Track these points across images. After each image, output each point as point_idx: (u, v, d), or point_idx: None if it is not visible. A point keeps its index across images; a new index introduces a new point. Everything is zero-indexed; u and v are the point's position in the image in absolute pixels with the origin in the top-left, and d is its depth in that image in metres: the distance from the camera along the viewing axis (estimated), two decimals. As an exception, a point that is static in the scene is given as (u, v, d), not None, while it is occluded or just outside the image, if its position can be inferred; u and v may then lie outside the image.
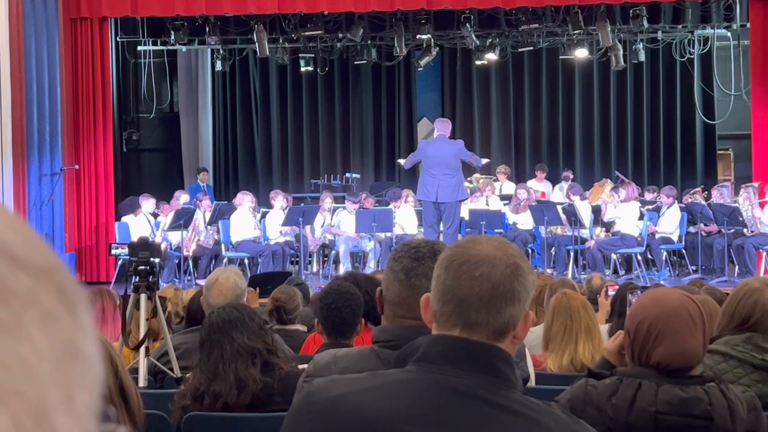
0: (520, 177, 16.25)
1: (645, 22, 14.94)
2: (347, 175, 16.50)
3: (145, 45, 16.03)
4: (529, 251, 13.39)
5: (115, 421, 2.17)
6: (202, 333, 3.65)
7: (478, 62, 16.97)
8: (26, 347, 0.53)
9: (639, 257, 12.97)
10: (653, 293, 2.63)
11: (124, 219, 13.54)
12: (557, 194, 15.36)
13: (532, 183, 15.55)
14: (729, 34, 15.75)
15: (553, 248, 13.35)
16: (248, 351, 3.53)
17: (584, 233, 13.19)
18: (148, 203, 13.68)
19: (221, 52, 16.57)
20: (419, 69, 16.98)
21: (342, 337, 3.89)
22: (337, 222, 13.75)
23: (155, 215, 13.83)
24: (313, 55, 16.51)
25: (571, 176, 15.75)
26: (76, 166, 13.49)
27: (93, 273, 13.67)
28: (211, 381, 3.53)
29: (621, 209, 13.16)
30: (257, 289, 8.10)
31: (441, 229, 12.34)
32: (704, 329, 2.53)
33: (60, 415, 0.53)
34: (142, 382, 4.49)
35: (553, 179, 16.28)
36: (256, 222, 13.45)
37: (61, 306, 0.56)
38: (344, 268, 12.90)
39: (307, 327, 5.60)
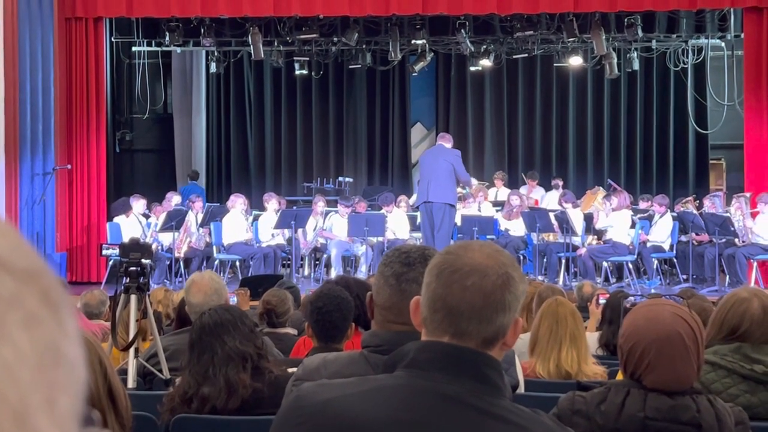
0: (512, 183, 16.28)
1: (639, 31, 14.98)
2: (340, 178, 16.50)
3: (139, 46, 16.01)
4: (521, 258, 13.39)
5: (99, 424, 2.17)
6: (192, 335, 3.61)
7: (472, 68, 16.98)
8: (8, 349, 0.53)
9: (630, 265, 12.99)
10: (646, 311, 2.61)
11: (116, 219, 13.52)
12: (549, 201, 15.37)
13: (524, 190, 15.58)
14: (723, 44, 15.80)
15: (545, 255, 13.36)
16: (239, 355, 3.50)
17: (576, 241, 13.21)
18: (138, 204, 13.65)
19: (216, 53, 16.57)
20: (414, 74, 17.00)
21: (332, 341, 3.88)
22: (330, 226, 13.74)
23: (147, 216, 13.81)
24: (307, 59, 16.51)
25: (561, 184, 15.78)
26: (69, 166, 13.46)
27: (84, 273, 13.64)
28: (201, 384, 3.50)
29: (613, 217, 13.18)
30: (248, 291, 8.11)
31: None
32: (698, 352, 2.53)
33: (41, 418, 0.53)
34: (131, 384, 4.48)
35: (545, 186, 16.30)
36: (248, 224, 13.44)
37: (44, 309, 0.56)
38: (336, 271, 12.89)
39: (298, 330, 5.59)
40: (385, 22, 15.32)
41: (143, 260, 4.92)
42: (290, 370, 3.35)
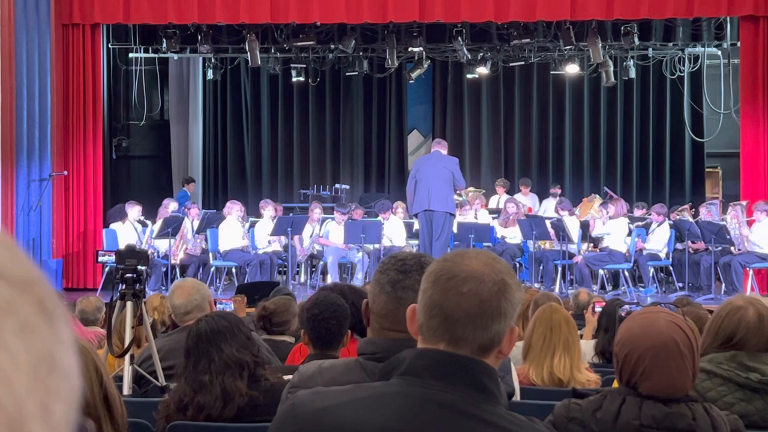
0: (509, 191, 16.28)
1: (636, 39, 15.01)
2: (336, 185, 16.50)
3: (136, 52, 16.00)
4: (517, 265, 13.40)
5: None
6: (188, 341, 3.59)
7: (469, 76, 17.00)
8: (3, 357, 0.53)
9: (626, 273, 12.99)
10: (642, 319, 2.61)
11: (112, 226, 13.51)
12: (547, 208, 15.39)
13: (517, 197, 15.60)
14: (719, 52, 15.82)
15: (541, 263, 13.37)
16: (237, 363, 3.48)
17: (572, 248, 13.21)
18: (134, 210, 13.64)
19: (213, 60, 16.57)
20: (410, 81, 17.00)
21: (328, 348, 3.88)
22: (326, 232, 13.74)
23: (143, 223, 13.80)
24: (304, 66, 16.52)
25: (559, 192, 15.79)
26: (65, 172, 13.45)
27: (80, 280, 13.61)
28: (197, 392, 3.48)
29: (610, 225, 13.18)
30: (245, 298, 8.10)
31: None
32: (694, 359, 2.53)
33: (36, 426, 0.53)
34: (126, 390, 4.48)
35: (543, 194, 16.31)
36: (244, 231, 13.43)
37: (39, 317, 0.56)
38: (332, 278, 12.89)
39: (294, 338, 5.57)
40: (382, 29, 15.34)
41: (139, 267, 4.91)
42: (286, 377, 3.35)
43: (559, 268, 13.13)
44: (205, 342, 3.51)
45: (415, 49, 15.50)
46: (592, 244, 13.47)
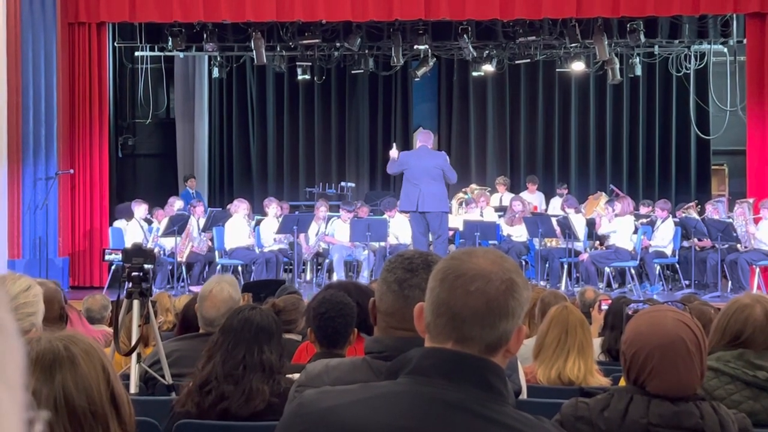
0: (514, 189, 16.28)
1: (642, 37, 14.99)
2: (342, 183, 16.49)
3: (142, 51, 16.03)
4: (523, 263, 13.38)
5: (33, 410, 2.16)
6: (233, 321, 3.60)
7: (474, 73, 16.99)
8: None
9: (632, 271, 12.97)
10: (650, 317, 2.61)
11: (117, 224, 13.53)
12: (554, 207, 15.37)
13: (524, 195, 15.58)
14: (725, 49, 15.81)
15: (547, 261, 13.35)
16: (270, 368, 3.52)
17: (578, 246, 13.19)
18: (140, 209, 13.65)
19: (218, 59, 16.59)
20: (416, 79, 17.00)
21: (334, 346, 3.87)
22: (332, 230, 13.74)
23: (149, 221, 13.81)
24: (310, 64, 16.51)
25: (566, 192, 15.76)
26: (71, 171, 13.46)
27: (86, 278, 13.63)
28: (224, 380, 3.51)
29: (616, 223, 13.16)
30: (250, 296, 8.08)
31: (430, 239, 12.19)
32: (701, 357, 2.53)
33: None
34: (133, 389, 4.48)
35: (548, 192, 16.28)
36: (250, 230, 13.44)
37: None
38: (338, 276, 12.88)
39: (301, 336, 5.57)
40: (388, 27, 15.33)
41: (146, 265, 4.91)
42: (293, 376, 3.35)
43: (565, 266, 13.11)
44: (253, 334, 3.54)
45: (421, 47, 15.50)
46: (598, 242, 13.45)
